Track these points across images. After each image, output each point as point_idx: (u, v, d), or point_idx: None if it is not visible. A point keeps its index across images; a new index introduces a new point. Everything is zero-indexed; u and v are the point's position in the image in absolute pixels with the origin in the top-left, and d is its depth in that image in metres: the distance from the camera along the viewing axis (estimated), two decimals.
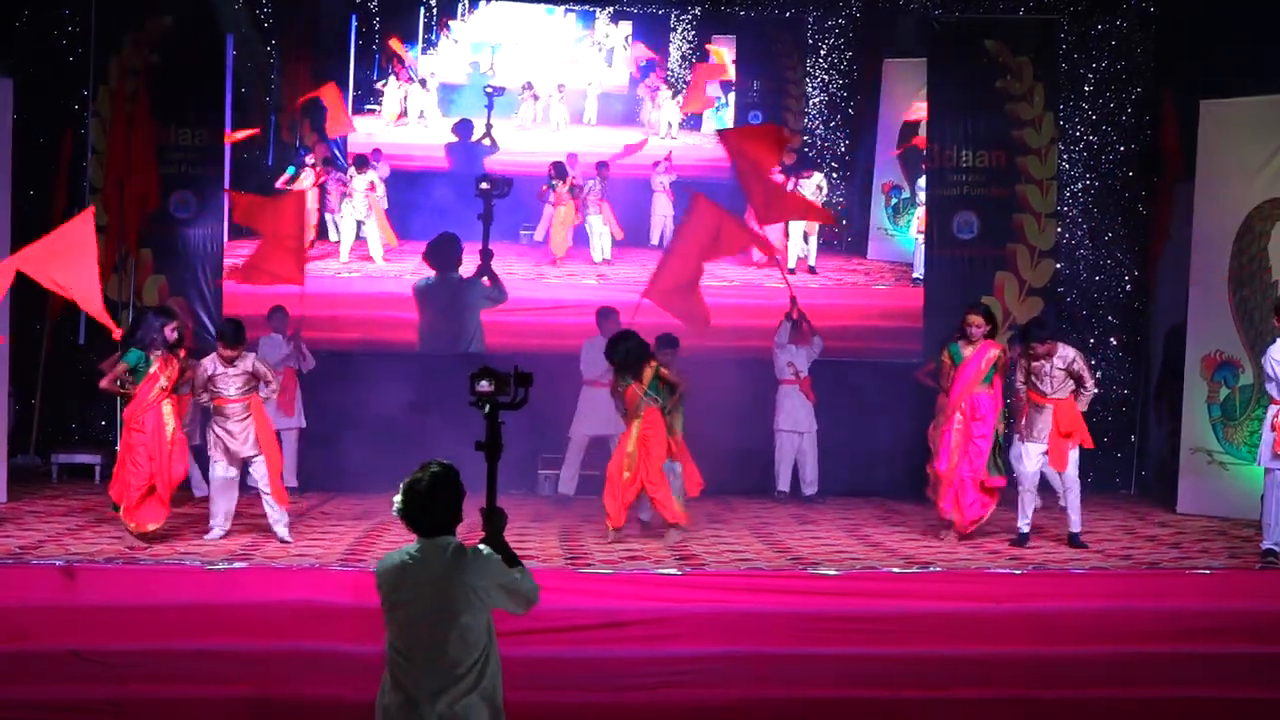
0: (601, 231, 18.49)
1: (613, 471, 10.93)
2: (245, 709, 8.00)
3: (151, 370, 10.35)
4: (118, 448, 11.02)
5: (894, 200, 19.24)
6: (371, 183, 17.84)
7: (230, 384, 10.51)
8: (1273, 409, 10.30)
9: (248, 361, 10.58)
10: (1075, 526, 10.88)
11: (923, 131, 16.07)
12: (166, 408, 10.39)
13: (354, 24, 21.75)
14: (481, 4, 26.63)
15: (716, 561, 10.04)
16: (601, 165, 18.60)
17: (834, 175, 20.68)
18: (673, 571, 9.60)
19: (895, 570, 9.76)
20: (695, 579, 9.50)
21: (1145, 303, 14.98)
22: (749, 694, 8.35)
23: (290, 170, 18.07)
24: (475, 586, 5.12)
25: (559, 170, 18.30)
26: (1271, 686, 8.63)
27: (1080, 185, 15.32)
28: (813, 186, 17.88)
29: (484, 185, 14.26)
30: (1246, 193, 12.57)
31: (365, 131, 21.37)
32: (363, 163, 18.13)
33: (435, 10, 25.88)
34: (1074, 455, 10.77)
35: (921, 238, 16.04)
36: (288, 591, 9.05)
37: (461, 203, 17.94)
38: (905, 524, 12.06)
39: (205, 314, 13.65)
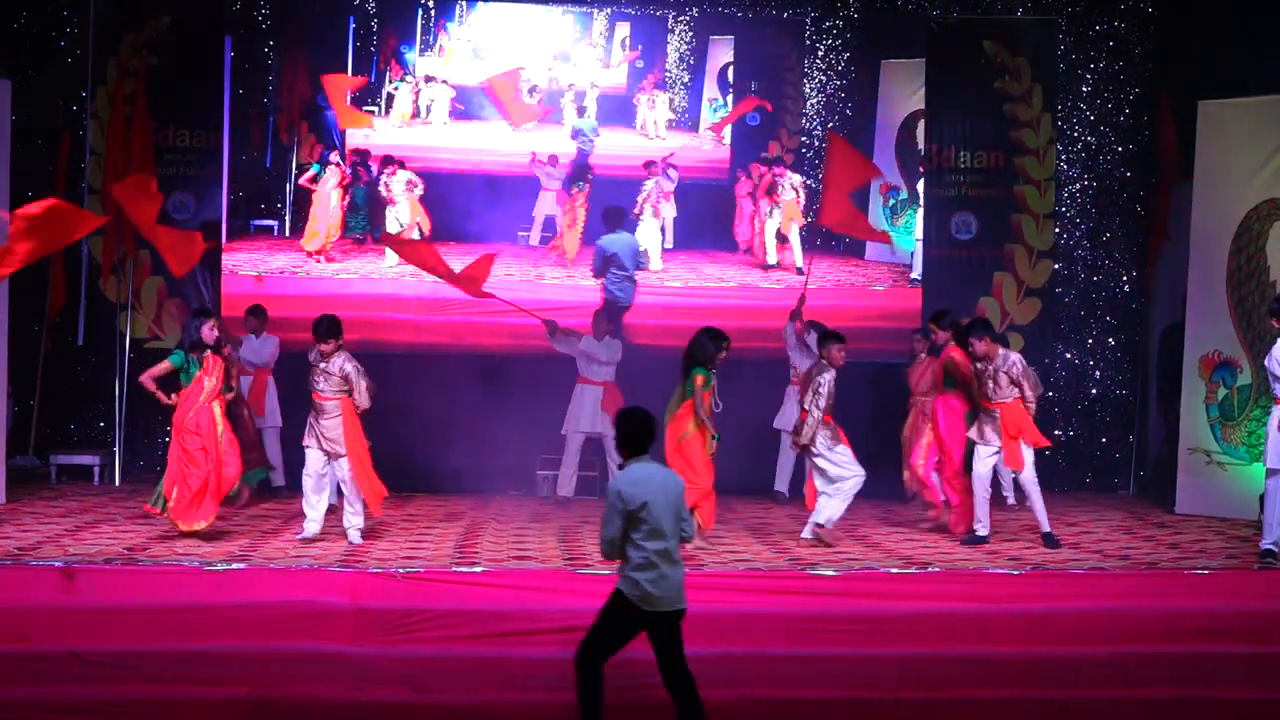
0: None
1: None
2: (245, 709, 8.01)
3: (197, 372, 10.34)
4: (168, 452, 10.77)
5: (892, 201, 19.23)
6: (410, 180, 17.34)
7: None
8: (1276, 410, 10.31)
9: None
10: (1044, 526, 10.97)
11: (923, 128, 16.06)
12: (217, 409, 10.40)
13: (352, 25, 21.73)
14: (479, 5, 26.59)
15: (716, 562, 10.04)
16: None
17: None
18: None
19: (894, 570, 9.76)
20: (694, 579, 9.45)
21: (1143, 303, 14.99)
22: (749, 694, 8.35)
23: (315, 168, 17.73)
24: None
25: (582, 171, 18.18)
26: (1271, 686, 8.65)
27: (1078, 186, 15.32)
28: (788, 185, 17.87)
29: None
30: (1244, 193, 12.58)
31: (363, 132, 21.30)
32: (390, 162, 17.64)
33: (433, 12, 25.85)
34: (1029, 455, 10.83)
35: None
36: (287, 592, 9.04)
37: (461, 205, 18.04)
38: (904, 525, 12.08)
39: None
